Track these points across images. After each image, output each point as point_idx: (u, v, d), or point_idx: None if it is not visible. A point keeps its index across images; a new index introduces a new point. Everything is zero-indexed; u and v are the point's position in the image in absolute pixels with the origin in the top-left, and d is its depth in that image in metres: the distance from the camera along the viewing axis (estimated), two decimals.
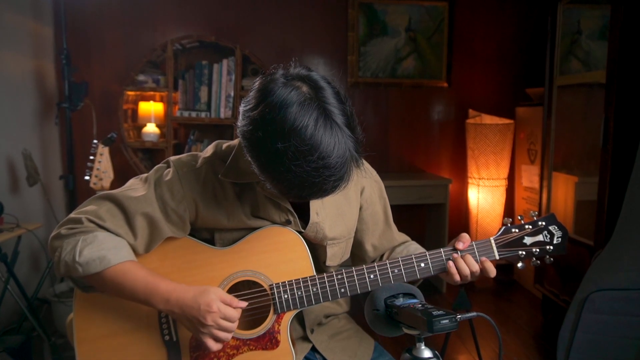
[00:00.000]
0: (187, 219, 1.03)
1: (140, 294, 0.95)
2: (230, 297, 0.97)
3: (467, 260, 1.03)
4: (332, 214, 1.09)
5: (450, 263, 1.03)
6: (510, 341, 2.49)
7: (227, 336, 0.96)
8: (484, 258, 1.04)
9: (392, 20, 3.26)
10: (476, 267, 1.03)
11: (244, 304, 0.98)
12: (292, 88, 0.81)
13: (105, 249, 0.94)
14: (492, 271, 1.04)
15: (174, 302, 0.94)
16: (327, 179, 0.81)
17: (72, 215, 0.99)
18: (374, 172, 1.18)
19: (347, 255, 1.18)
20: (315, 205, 1.06)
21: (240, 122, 0.86)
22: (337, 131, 0.80)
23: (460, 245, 1.04)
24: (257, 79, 0.87)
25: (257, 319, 1.05)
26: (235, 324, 0.96)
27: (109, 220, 0.97)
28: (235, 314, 0.96)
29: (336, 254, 1.13)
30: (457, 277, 1.03)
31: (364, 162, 1.14)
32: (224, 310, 0.94)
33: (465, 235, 1.06)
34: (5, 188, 2.53)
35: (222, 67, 2.94)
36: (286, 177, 0.80)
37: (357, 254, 1.20)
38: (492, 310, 2.88)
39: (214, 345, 0.96)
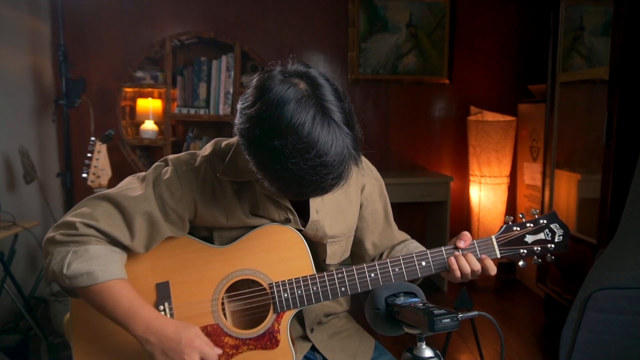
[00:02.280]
0: (186, 218, 1.02)
1: (120, 315, 0.94)
2: (208, 340, 0.96)
3: (468, 259, 1.02)
4: (332, 212, 1.08)
5: (452, 260, 1.02)
6: (513, 340, 2.48)
7: None
8: (484, 256, 1.04)
9: (393, 16, 3.24)
10: (477, 266, 1.02)
11: (220, 351, 0.97)
12: (290, 85, 0.80)
13: (94, 264, 0.93)
14: (493, 269, 1.03)
15: (154, 330, 0.93)
16: (324, 177, 0.80)
17: (67, 218, 0.97)
18: (375, 170, 1.18)
19: (348, 254, 1.17)
20: (315, 203, 1.05)
21: (237, 119, 0.85)
22: (334, 129, 0.79)
23: (461, 244, 1.04)
24: (255, 76, 0.86)
25: (257, 318, 1.04)
26: None
27: (105, 222, 0.96)
28: (214, 355, 0.94)
29: (336, 252, 1.12)
30: (458, 274, 1.02)
31: (365, 159, 1.13)
32: (204, 348, 0.93)
33: (466, 234, 1.05)
34: (2, 186, 2.51)
35: (221, 64, 2.92)
36: (283, 175, 0.80)
37: (357, 252, 1.19)
38: (494, 310, 2.87)
39: None
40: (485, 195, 3.25)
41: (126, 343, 1.02)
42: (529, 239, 1.06)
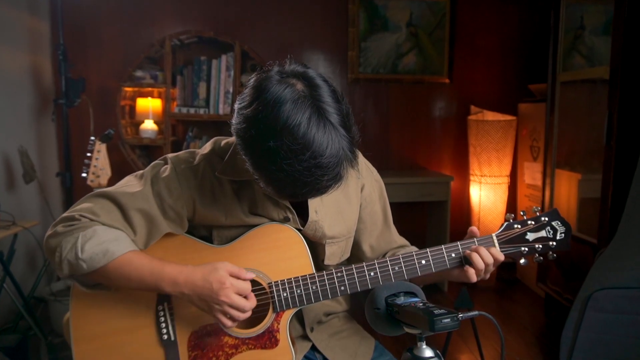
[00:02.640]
0: (185, 216, 1.02)
1: (148, 280, 0.94)
2: (237, 269, 0.96)
3: (480, 252, 1.00)
4: (332, 213, 1.07)
5: (468, 264, 1.01)
6: (513, 340, 2.47)
7: (239, 315, 0.95)
8: (492, 248, 1.02)
9: (393, 16, 3.24)
10: (490, 259, 1.01)
11: (252, 275, 0.98)
12: (287, 85, 0.80)
13: (106, 241, 0.93)
14: (501, 255, 1.02)
15: (183, 283, 0.94)
16: (319, 179, 0.80)
17: (66, 214, 0.97)
18: (375, 172, 1.17)
19: (347, 255, 1.16)
20: (314, 203, 1.05)
21: (234, 119, 0.86)
22: (330, 130, 0.79)
23: (475, 230, 1.04)
24: (253, 76, 0.86)
25: (256, 318, 1.03)
26: (250, 303, 0.95)
27: (104, 216, 0.96)
28: (247, 286, 0.95)
29: (335, 253, 1.11)
30: (473, 272, 1.00)
31: (365, 161, 1.13)
32: (236, 284, 0.94)
33: (473, 228, 1.05)
34: (1, 185, 2.50)
35: (220, 63, 2.91)
36: (278, 176, 0.80)
37: (355, 254, 1.18)
38: (495, 309, 2.86)
39: (228, 322, 0.95)
40: (486, 194, 3.24)
41: (126, 343, 1.02)
42: (530, 236, 1.05)
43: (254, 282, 1.03)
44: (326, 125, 0.79)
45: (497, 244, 1.04)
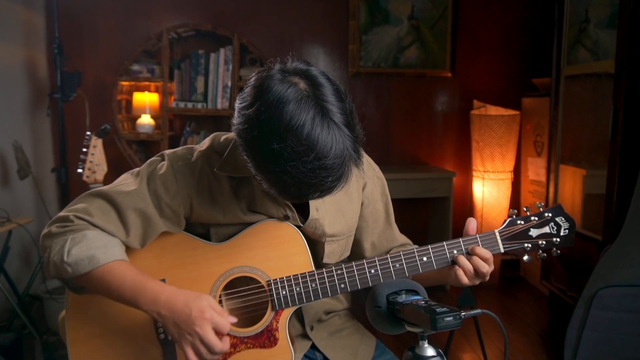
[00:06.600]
0: (182, 214, 1.00)
1: (127, 293, 0.92)
2: (221, 309, 0.93)
3: (473, 257, 0.98)
4: (333, 211, 1.06)
5: (456, 266, 0.99)
6: (516, 339, 2.46)
7: (206, 354, 0.90)
8: (476, 247, 1.00)
9: (395, 8, 3.22)
10: (484, 262, 0.98)
11: (234, 319, 0.94)
12: (289, 85, 0.79)
13: (94, 247, 0.92)
14: (485, 253, 0.99)
15: (163, 303, 0.91)
16: (323, 180, 0.79)
17: (61, 213, 0.97)
18: (377, 168, 1.16)
19: (347, 254, 1.15)
20: (315, 201, 1.03)
21: (235, 119, 0.84)
22: (334, 130, 0.78)
23: (472, 224, 1.02)
24: (254, 74, 0.85)
25: (255, 316, 1.02)
26: (221, 346, 0.90)
27: (99, 217, 0.95)
28: (227, 324, 0.91)
29: (334, 252, 1.09)
30: (462, 275, 0.99)
31: (367, 157, 1.12)
32: (216, 319, 0.90)
33: (471, 222, 1.02)
34: None
35: (219, 57, 2.89)
36: (282, 178, 0.79)
37: (356, 252, 1.17)
38: (498, 308, 2.85)
39: (193, 357, 0.90)
40: (489, 190, 3.22)
41: (123, 342, 1.01)
42: (534, 232, 1.04)
43: (253, 280, 1.02)
44: (330, 125, 0.78)
45: (499, 241, 1.03)
